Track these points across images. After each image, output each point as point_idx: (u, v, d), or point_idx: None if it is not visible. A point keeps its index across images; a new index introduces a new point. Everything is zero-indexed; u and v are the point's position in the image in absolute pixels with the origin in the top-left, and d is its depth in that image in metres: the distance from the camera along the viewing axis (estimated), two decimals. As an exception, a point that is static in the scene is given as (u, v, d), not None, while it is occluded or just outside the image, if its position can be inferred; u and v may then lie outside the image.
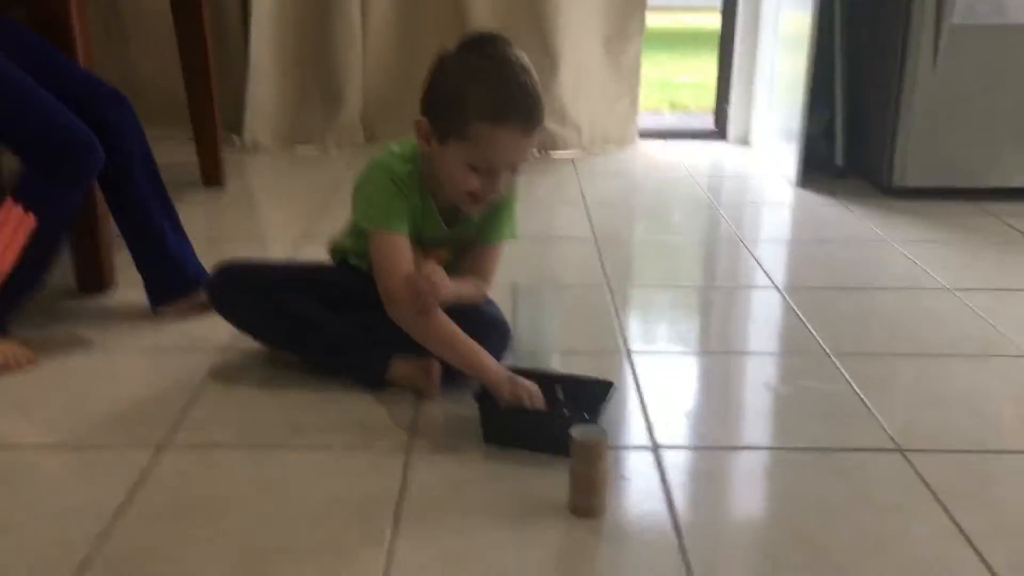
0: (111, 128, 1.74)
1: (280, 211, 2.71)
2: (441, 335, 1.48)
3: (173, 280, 1.87)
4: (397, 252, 1.50)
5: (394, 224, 1.51)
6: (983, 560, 1.17)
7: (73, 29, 1.82)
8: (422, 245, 1.58)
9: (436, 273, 1.47)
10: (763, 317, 1.99)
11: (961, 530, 1.22)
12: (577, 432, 1.24)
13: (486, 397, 1.42)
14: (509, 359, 1.56)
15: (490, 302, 1.64)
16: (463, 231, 1.61)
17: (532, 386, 1.42)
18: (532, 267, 1.62)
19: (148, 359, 1.72)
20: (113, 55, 3.29)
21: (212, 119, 2.76)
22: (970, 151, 2.76)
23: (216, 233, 2.47)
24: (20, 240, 1.65)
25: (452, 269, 1.56)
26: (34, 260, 1.69)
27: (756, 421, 1.55)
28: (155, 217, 1.86)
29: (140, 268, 1.89)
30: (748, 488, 1.36)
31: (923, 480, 1.34)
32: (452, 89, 1.44)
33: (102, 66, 2.18)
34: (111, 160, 1.75)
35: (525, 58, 1.45)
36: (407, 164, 1.53)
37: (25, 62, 1.70)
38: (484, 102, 1.40)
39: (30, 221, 1.65)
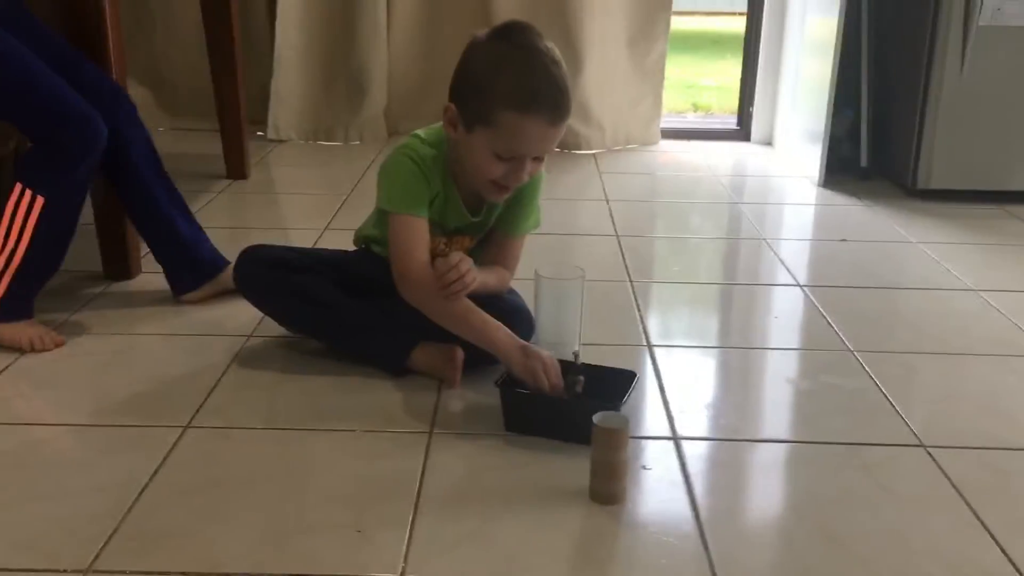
0: (113, 123, 1.75)
1: (303, 203, 2.73)
2: (455, 310, 1.48)
3: (190, 266, 1.89)
4: (415, 235, 1.51)
5: (414, 208, 1.52)
6: (1004, 553, 1.16)
7: (105, 19, 1.84)
8: (445, 234, 1.59)
9: (465, 262, 1.48)
10: (785, 314, 1.99)
11: (983, 524, 1.22)
12: (599, 419, 1.24)
13: (509, 384, 1.42)
14: (531, 348, 1.57)
15: (512, 291, 1.64)
16: (486, 220, 1.62)
17: (546, 355, 1.42)
18: (555, 262, 1.62)
19: (173, 344, 1.73)
20: (141, 46, 3.33)
21: (238, 111, 2.78)
22: (995, 154, 2.74)
23: (239, 224, 2.49)
24: (33, 222, 1.67)
25: (475, 258, 1.56)
26: (50, 240, 1.71)
27: (777, 415, 1.55)
28: (164, 207, 1.87)
29: (158, 258, 1.91)
30: (769, 480, 1.36)
31: (945, 475, 1.34)
32: (481, 76, 1.44)
33: (130, 57, 2.20)
34: (116, 158, 1.78)
35: (555, 50, 1.46)
36: (432, 149, 1.54)
37: (33, 48, 1.72)
38: (512, 91, 1.41)
39: (39, 202, 1.67)
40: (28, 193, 1.67)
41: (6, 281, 1.70)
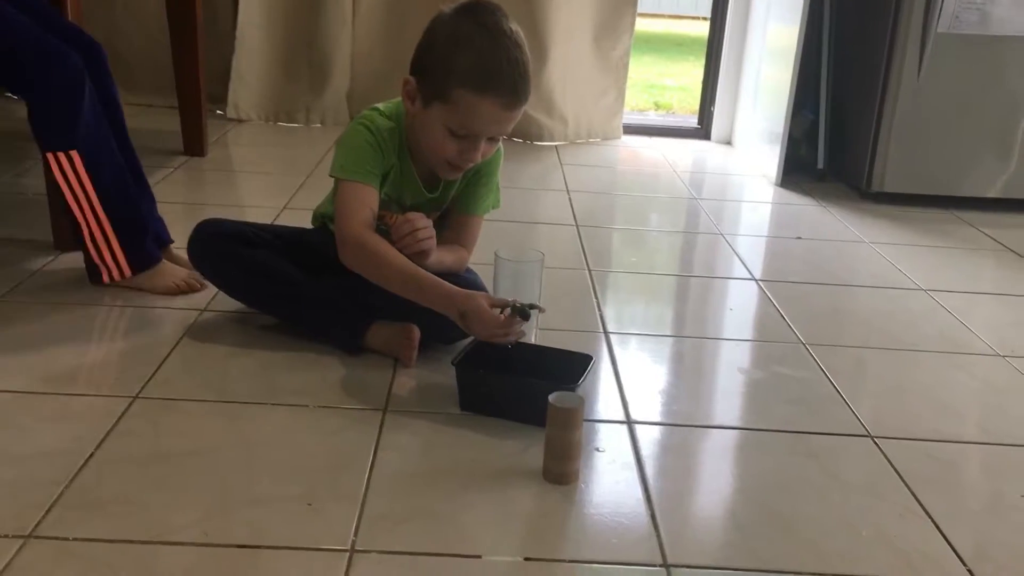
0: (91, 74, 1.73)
1: (262, 182, 2.70)
2: (393, 272, 1.44)
3: (154, 239, 1.85)
4: (360, 200, 1.49)
5: (364, 175, 1.50)
6: (947, 540, 1.19)
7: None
8: (403, 210, 1.59)
9: (420, 218, 1.48)
10: (739, 306, 2.01)
11: (927, 513, 1.24)
12: (554, 398, 1.24)
13: (465, 363, 1.42)
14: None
15: (470, 270, 1.64)
16: (444, 197, 1.61)
17: (487, 313, 1.38)
18: (515, 248, 1.62)
19: (125, 315, 1.70)
20: (99, 17, 3.25)
21: (197, 88, 2.74)
22: (948, 160, 2.80)
23: (195, 200, 2.45)
24: (86, 178, 1.67)
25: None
26: (116, 183, 1.72)
27: (729, 402, 1.57)
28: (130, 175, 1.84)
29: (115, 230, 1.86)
30: (720, 464, 1.38)
31: (891, 464, 1.36)
32: (441, 51, 1.44)
33: (88, 29, 2.16)
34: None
35: (520, 33, 1.45)
36: (390, 122, 1.53)
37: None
38: (470, 70, 1.40)
39: (76, 157, 1.67)
40: (62, 156, 1.67)
41: (113, 241, 1.72)
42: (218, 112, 3.28)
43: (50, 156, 1.67)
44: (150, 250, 1.78)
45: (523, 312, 1.41)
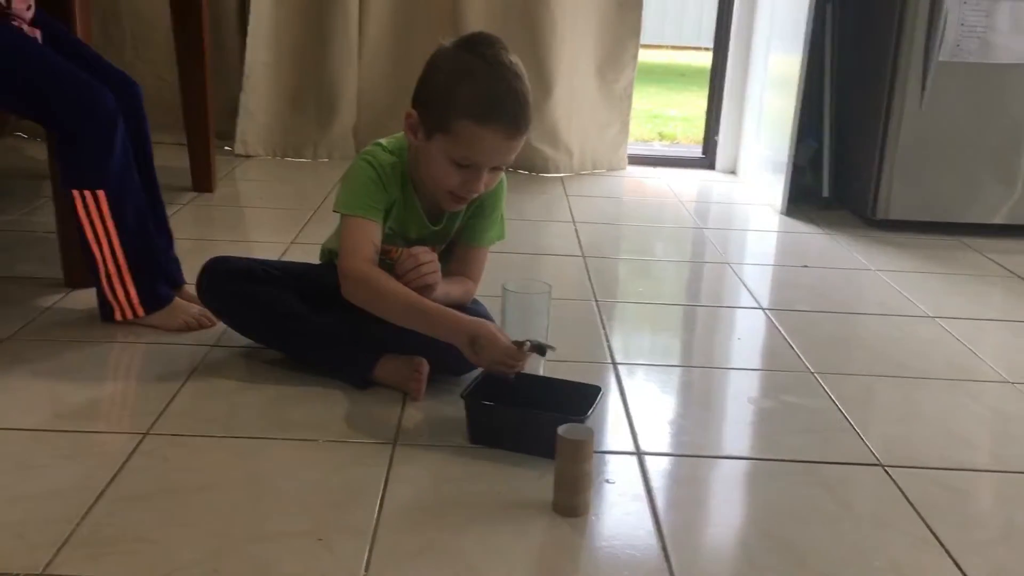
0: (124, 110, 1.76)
1: (269, 217, 2.72)
2: (397, 305, 1.45)
3: (165, 279, 1.87)
4: (362, 235, 1.51)
5: (367, 210, 1.52)
6: (960, 570, 1.18)
7: (75, 19, 1.84)
8: (407, 243, 1.60)
9: (425, 252, 1.50)
10: (747, 335, 2.01)
11: (940, 542, 1.24)
12: (564, 430, 1.24)
13: (474, 396, 1.42)
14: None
15: (476, 302, 1.65)
16: (448, 230, 1.63)
17: (501, 343, 1.41)
18: (522, 280, 1.63)
19: (135, 352, 1.71)
20: (109, 56, 3.28)
21: (206, 125, 2.77)
22: (953, 187, 2.81)
23: (204, 236, 2.47)
24: (109, 218, 1.69)
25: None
26: (136, 224, 1.74)
27: (739, 432, 1.57)
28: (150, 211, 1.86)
29: (131, 269, 1.87)
30: (730, 495, 1.37)
31: (903, 494, 1.35)
32: (443, 84, 1.46)
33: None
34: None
35: (519, 64, 1.47)
36: (392, 156, 1.55)
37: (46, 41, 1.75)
38: (472, 101, 1.42)
39: (102, 196, 1.69)
40: (88, 194, 1.69)
41: (128, 281, 1.74)
42: (226, 148, 3.31)
43: (75, 193, 1.69)
44: (162, 291, 1.79)
45: (540, 348, 1.43)
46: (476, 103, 1.42)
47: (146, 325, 1.78)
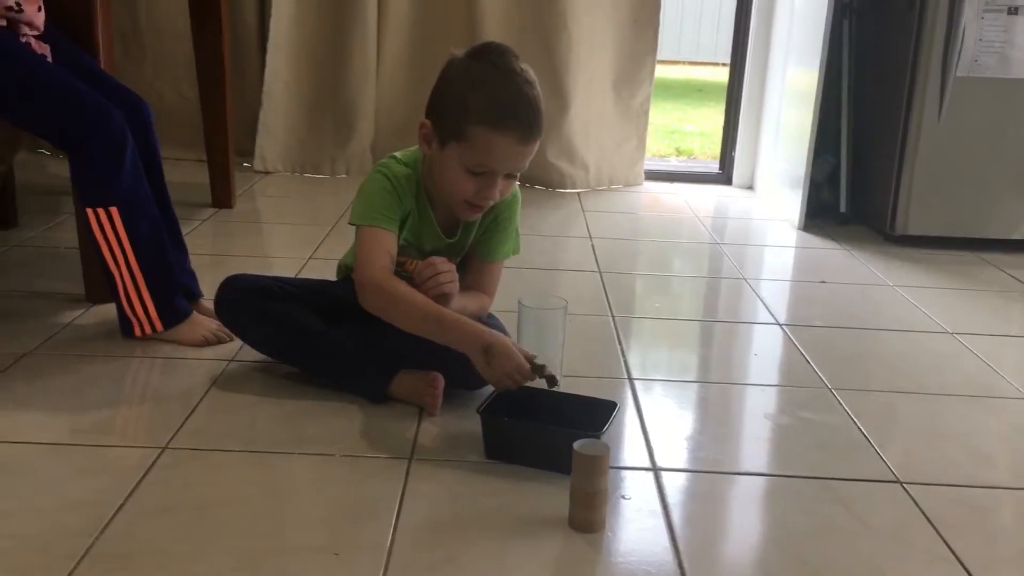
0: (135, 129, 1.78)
1: (288, 233, 2.74)
2: (414, 313, 1.46)
3: (184, 293, 1.88)
4: (378, 244, 1.52)
5: (382, 220, 1.53)
6: (980, 588, 1.17)
7: (96, 39, 1.86)
8: (422, 256, 1.61)
9: (443, 262, 1.51)
10: (764, 351, 2.00)
11: (959, 560, 1.23)
12: (580, 446, 1.24)
13: (490, 411, 1.43)
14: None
15: (492, 317, 1.65)
16: (462, 243, 1.63)
17: (515, 358, 1.41)
18: (538, 295, 1.63)
19: (153, 367, 1.72)
20: (130, 73, 3.34)
21: (225, 142, 2.80)
22: (971, 202, 2.79)
23: (223, 252, 2.49)
24: (123, 234, 1.71)
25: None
26: (151, 239, 1.76)
27: (756, 448, 1.56)
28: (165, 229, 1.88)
29: (148, 284, 1.88)
30: (747, 511, 1.37)
31: (921, 511, 1.34)
32: (455, 92, 1.48)
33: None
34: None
35: (531, 72, 1.49)
36: (406, 168, 1.57)
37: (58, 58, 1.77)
38: (485, 107, 1.44)
39: (115, 213, 1.71)
40: (101, 212, 1.71)
41: (146, 297, 1.75)
42: (245, 165, 3.34)
43: (89, 211, 1.72)
44: (180, 305, 1.81)
45: (552, 380, 1.44)
46: (489, 109, 1.44)
47: (165, 340, 1.79)
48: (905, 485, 1.42)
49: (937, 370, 1.89)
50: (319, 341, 1.61)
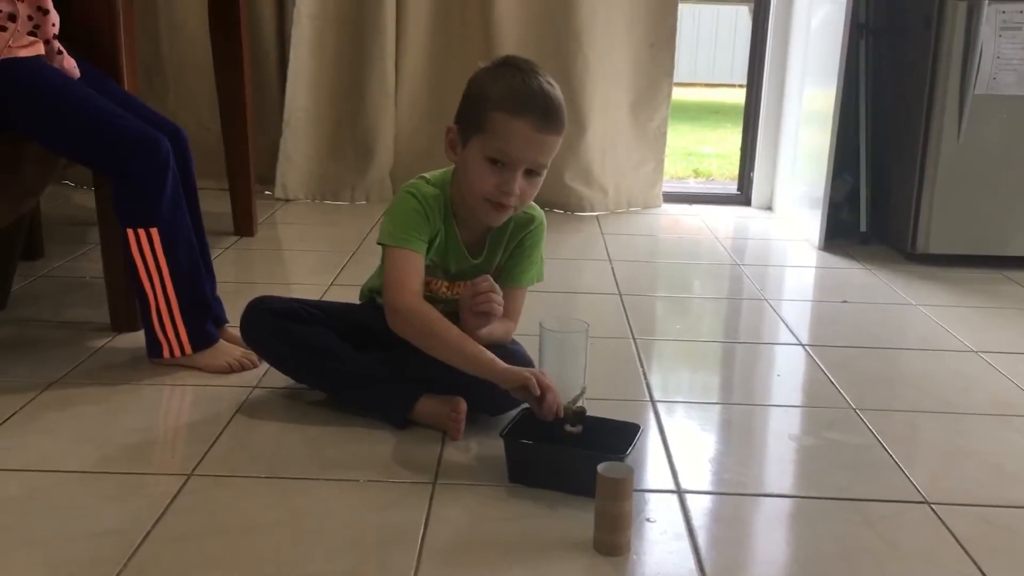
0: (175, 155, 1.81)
1: (309, 259, 2.76)
2: (448, 340, 1.49)
3: (213, 319, 1.90)
4: (408, 267, 1.54)
5: (411, 241, 1.55)
6: (1012, 609, 1.16)
7: (122, 75, 1.90)
8: (448, 278, 1.62)
9: (489, 280, 1.53)
10: (787, 371, 2.00)
11: (989, 581, 1.21)
12: (604, 469, 1.24)
13: (513, 435, 1.43)
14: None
15: (515, 342, 1.66)
16: (488, 265, 1.64)
17: (544, 381, 1.44)
18: (559, 318, 1.64)
19: (178, 394, 1.74)
20: (153, 103, 3.37)
21: (247, 170, 2.83)
22: (993, 219, 2.78)
23: (245, 279, 2.52)
24: (161, 255, 1.75)
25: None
26: (187, 263, 1.79)
27: (781, 470, 1.55)
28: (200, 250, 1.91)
29: (181, 308, 1.89)
30: (774, 534, 1.36)
31: (950, 532, 1.33)
32: (477, 91, 1.53)
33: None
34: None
35: (551, 78, 1.53)
36: (434, 188, 1.58)
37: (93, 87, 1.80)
38: (504, 95, 1.48)
39: (155, 234, 1.74)
40: (141, 232, 1.74)
41: (178, 319, 1.78)
42: (266, 193, 3.37)
43: (130, 232, 1.75)
44: (210, 330, 1.83)
45: (578, 418, 1.45)
46: (508, 97, 1.48)
47: (190, 366, 1.81)
48: (932, 505, 1.40)
49: (962, 389, 1.88)
50: (343, 365, 1.62)
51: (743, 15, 9.21)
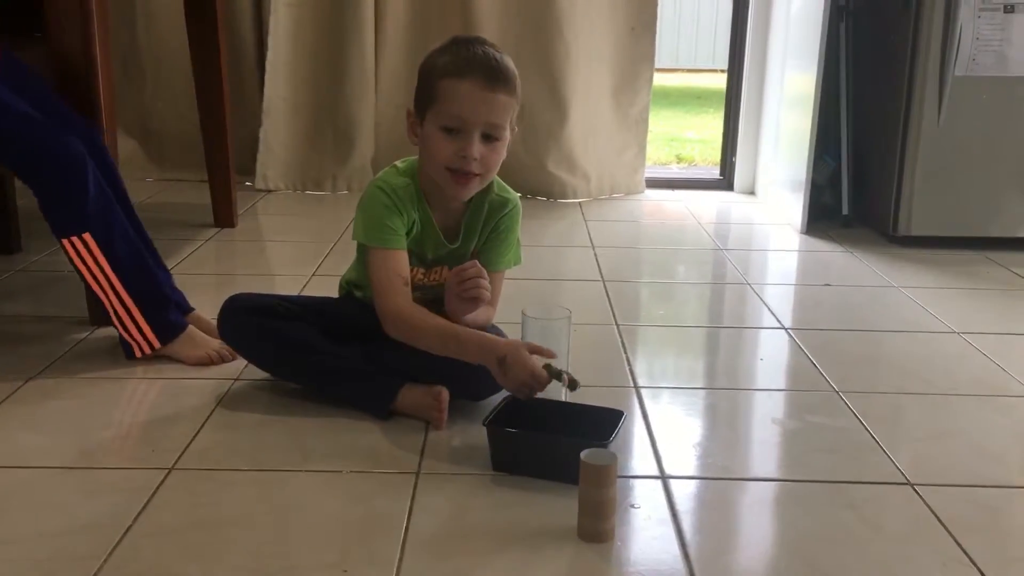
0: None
1: (290, 250, 2.74)
2: (442, 333, 1.50)
3: (175, 306, 1.87)
4: (392, 269, 1.54)
5: (389, 240, 1.54)
6: (995, 589, 1.16)
7: (96, 66, 1.86)
8: (424, 264, 1.61)
9: (476, 266, 1.53)
10: (770, 356, 2.00)
11: (972, 561, 1.22)
12: (587, 455, 1.24)
13: (495, 423, 1.42)
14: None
15: (495, 327, 1.65)
16: (464, 249, 1.63)
17: (530, 364, 1.43)
18: (542, 306, 1.63)
19: (158, 388, 1.72)
20: (130, 99, 3.36)
21: (226, 161, 2.80)
22: (974, 200, 2.79)
23: (226, 271, 2.50)
24: (103, 259, 1.71)
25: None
26: (130, 259, 1.75)
27: (764, 454, 1.55)
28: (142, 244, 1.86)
29: (136, 302, 1.83)
30: (758, 518, 1.36)
31: (933, 512, 1.34)
32: (426, 68, 1.54)
33: (118, 110, 2.22)
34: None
35: (501, 50, 1.54)
36: (404, 178, 1.58)
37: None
38: (448, 62, 1.51)
39: (89, 239, 1.71)
40: (76, 240, 1.71)
41: (137, 316, 1.75)
42: (247, 183, 3.34)
43: (65, 243, 1.71)
44: (174, 319, 1.80)
45: (572, 383, 1.44)
46: (452, 62, 1.50)
47: (168, 357, 1.79)
48: (916, 487, 1.41)
49: (945, 370, 1.88)
50: (323, 359, 1.61)
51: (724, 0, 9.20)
